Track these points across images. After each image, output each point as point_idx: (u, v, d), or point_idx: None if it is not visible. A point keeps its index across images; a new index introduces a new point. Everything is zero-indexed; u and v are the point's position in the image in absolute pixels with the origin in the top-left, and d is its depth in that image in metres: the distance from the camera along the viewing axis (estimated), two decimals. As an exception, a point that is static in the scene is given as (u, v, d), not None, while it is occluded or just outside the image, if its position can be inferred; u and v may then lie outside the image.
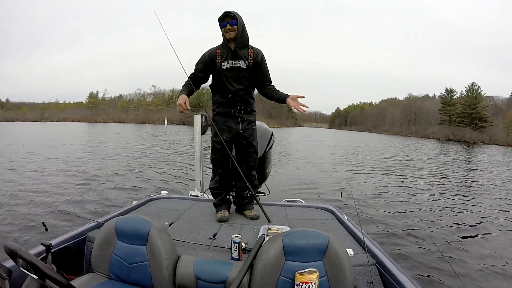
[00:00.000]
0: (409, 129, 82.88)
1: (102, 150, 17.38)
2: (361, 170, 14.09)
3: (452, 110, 75.80)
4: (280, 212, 3.12)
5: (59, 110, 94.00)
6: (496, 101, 77.77)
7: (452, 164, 19.10)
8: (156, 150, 18.72)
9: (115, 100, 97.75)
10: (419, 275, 4.18)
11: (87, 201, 7.01)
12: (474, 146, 50.59)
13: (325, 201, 6.90)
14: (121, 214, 2.76)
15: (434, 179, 12.81)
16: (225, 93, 2.81)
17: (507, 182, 13.03)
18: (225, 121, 2.85)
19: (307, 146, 29.15)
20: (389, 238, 5.51)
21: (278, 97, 2.84)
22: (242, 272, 1.72)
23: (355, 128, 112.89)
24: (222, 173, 2.95)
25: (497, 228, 6.45)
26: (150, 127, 56.20)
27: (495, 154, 32.47)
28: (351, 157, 20.44)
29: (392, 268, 1.89)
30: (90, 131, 39.92)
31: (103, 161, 13.22)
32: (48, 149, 16.89)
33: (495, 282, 4.15)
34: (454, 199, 9.10)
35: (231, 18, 2.64)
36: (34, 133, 33.15)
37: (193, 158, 4.80)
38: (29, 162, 12.34)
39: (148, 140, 26.27)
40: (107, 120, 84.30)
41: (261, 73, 2.84)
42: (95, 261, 1.97)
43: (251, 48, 2.77)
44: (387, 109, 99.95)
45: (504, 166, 19.75)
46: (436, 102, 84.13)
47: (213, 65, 2.78)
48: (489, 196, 9.85)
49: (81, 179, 9.31)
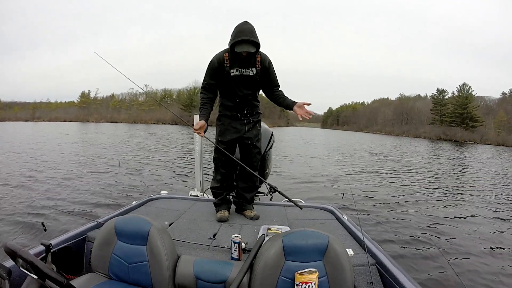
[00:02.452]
0: (401, 129, 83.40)
1: (101, 150, 17.23)
2: (360, 170, 14.17)
3: (444, 110, 76.50)
4: (280, 212, 3.12)
5: (50, 109, 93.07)
6: (487, 101, 78.60)
7: (451, 164, 19.37)
8: (155, 149, 18.63)
9: (107, 99, 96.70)
10: (418, 274, 4.19)
11: (87, 201, 6.96)
12: (465, 145, 51.13)
13: (325, 201, 6.89)
14: (121, 214, 2.76)
15: (433, 178, 12.93)
16: (232, 98, 2.80)
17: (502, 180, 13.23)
18: (230, 122, 2.85)
19: (302, 145, 29.20)
20: (389, 238, 5.53)
21: (286, 105, 2.83)
22: (242, 272, 1.72)
23: (348, 127, 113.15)
24: (225, 173, 2.95)
25: (498, 228, 6.49)
26: (143, 127, 55.81)
27: (485, 152, 32.87)
28: (348, 157, 20.56)
29: (392, 268, 1.90)
30: (85, 131, 39.57)
31: (102, 161, 13.12)
32: (48, 148, 16.73)
33: (495, 282, 4.16)
34: (453, 198, 9.20)
35: (252, 48, 2.55)
36: (30, 132, 32.86)
37: (192, 158, 4.79)
38: (28, 161, 12.24)
39: (147, 140, 26.10)
40: (99, 119, 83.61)
41: (269, 78, 2.83)
42: (95, 261, 1.97)
43: (259, 53, 2.73)
44: (379, 109, 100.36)
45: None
46: (428, 102, 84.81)
47: (222, 70, 2.72)
48: (489, 196, 9.96)
49: (81, 179, 9.25)
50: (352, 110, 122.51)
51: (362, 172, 13.71)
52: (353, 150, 26.59)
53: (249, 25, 2.58)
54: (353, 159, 19.15)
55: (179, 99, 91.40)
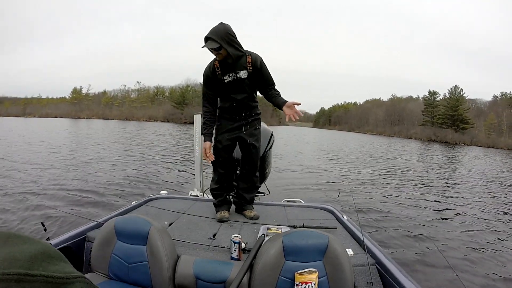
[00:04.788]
0: (392, 130, 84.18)
1: (100, 150, 17.03)
2: (359, 170, 14.24)
3: (435, 111, 77.37)
4: (280, 212, 3.12)
5: (42, 105, 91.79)
6: (478, 103, 79.81)
7: (451, 164, 19.63)
8: (154, 149, 18.48)
9: (99, 96, 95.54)
10: (418, 274, 4.21)
11: (86, 201, 6.90)
12: (455, 147, 51.59)
13: (325, 201, 6.90)
14: (120, 214, 2.75)
15: (432, 178, 13.07)
16: (230, 102, 2.79)
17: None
18: (229, 123, 2.85)
19: (298, 145, 29.26)
20: (388, 238, 5.55)
21: (277, 104, 2.80)
22: (242, 272, 1.72)
23: (339, 127, 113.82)
24: (224, 173, 2.94)
25: (498, 228, 6.56)
26: (135, 124, 55.39)
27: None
28: (345, 157, 20.60)
29: (391, 268, 1.91)
30: (81, 128, 39.12)
31: (102, 161, 12.93)
32: (47, 149, 16.49)
33: (495, 282, 4.20)
34: (452, 198, 9.31)
35: (214, 44, 2.52)
36: (26, 127, 32.46)
37: (192, 158, 4.76)
38: (27, 162, 12.04)
39: (146, 139, 25.94)
40: (91, 116, 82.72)
41: (263, 79, 2.80)
42: (94, 261, 1.97)
43: (248, 54, 2.70)
44: (371, 110, 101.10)
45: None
46: (419, 103, 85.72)
47: (215, 78, 2.73)
48: (489, 195, 10.12)
49: (80, 179, 9.13)
50: (344, 110, 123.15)
51: (361, 172, 13.77)
52: (347, 149, 26.75)
53: (219, 25, 2.57)
54: (349, 159, 19.23)
55: (171, 97, 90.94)
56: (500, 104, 71.62)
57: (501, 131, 65.65)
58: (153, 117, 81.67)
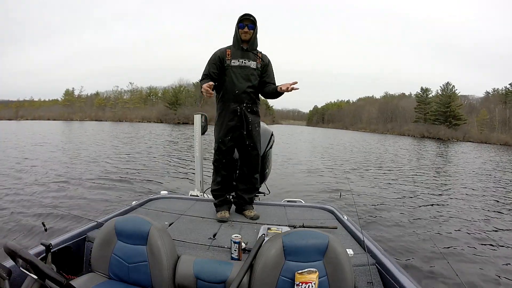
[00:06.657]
0: (386, 127, 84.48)
1: (100, 150, 16.93)
2: (358, 170, 14.19)
3: (427, 108, 77.93)
4: (280, 212, 3.13)
5: (34, 108, 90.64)
6: (471, 100, 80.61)
7: (448, 163, 19.70)
8: (154, 149, 18.44)
9: (92, 97, 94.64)
10: (418, 274, 4.20)
11: (86, 201, 6.88)
12: (448, 143, 51.93)
13: (325, 201, 6.88)
14: (121, 214, 2.75)
15: (433, 179, 13.02)
16: (232, 90, 2.82)
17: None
18: (230, 122, 2.86)
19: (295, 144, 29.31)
20: (388, 237, 5.54)
21: (272, 89, 2.89)
22: (242, 272, 1.72)
23: (333, 125, 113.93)
24: (226, 175, 2.97)
25: (498, 228, 6.53)
26: (129, 125, 55.05)
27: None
28: (342, 155, 20.61)
29: (392, 268, 1.92)
30: (77, 130, 38.85)
31: (102, 161, 12.88)
32: (47, 149, 16.41)
33: (495, 282, 4.20)
34: (453, 198, 9.28)
35: (251, 22, 2.80)
36: (23, 131, 32.20)
37: (192, 158, 4.74)
38: (26, 161, 12.00)
39: (145, 139, 25.83)
40: (84, 118, 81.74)
41: (268, 75, 2.94)
42: (95, 261, 1.97)
43: (259, 51, 2.91)
44: (364, 107, 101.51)
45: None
46: (412, 100, 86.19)
47: (222, 63, 2.84)
48: (488, 195, 10.10)
49: (80, 179, 9.10)
50: (338, 108, 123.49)
51: (360, 172, 13.73)
52: (344, 149, 26.77)
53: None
54: (347, 158, 19.24)
55: (164, 97, 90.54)
56: (492, 100, 72.30)
57: (493, 126, 66.37)
58: (146, 118, 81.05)
